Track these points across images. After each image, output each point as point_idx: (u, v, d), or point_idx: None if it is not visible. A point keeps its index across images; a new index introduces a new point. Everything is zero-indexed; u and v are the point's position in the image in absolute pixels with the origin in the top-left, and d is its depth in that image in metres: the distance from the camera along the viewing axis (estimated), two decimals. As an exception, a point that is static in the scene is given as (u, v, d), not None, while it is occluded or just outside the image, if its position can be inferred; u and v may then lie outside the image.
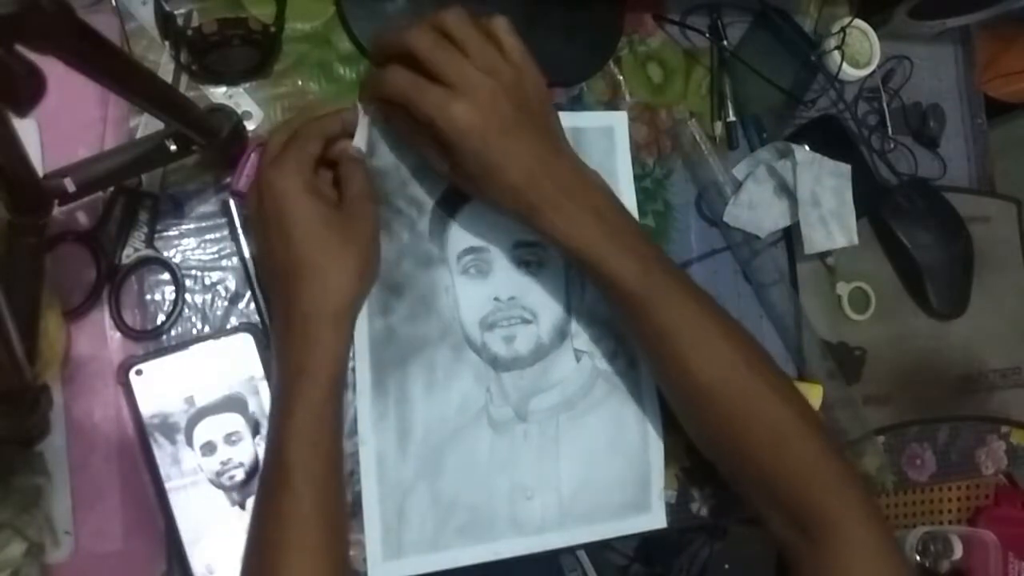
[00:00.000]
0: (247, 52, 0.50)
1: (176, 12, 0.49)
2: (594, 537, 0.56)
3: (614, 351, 0.58)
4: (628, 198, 0.60)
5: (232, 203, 0.51)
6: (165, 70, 0.50)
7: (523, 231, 0.56)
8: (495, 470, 0.54)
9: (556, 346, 0.57)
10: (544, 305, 0.57)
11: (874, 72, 0.68)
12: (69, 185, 0.40)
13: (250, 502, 0.48)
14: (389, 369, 0.53)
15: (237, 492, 0.48)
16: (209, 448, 0.48)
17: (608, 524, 0.57)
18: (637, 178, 0.60)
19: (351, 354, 0.52)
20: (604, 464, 0.57)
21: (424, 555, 0.52)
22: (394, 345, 0.53)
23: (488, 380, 0.55)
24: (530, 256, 0.56)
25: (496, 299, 0.56)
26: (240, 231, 0.50)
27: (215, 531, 0.47)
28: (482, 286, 0.55)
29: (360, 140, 0.50)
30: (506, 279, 0.56)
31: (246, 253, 0.51)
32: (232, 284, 0.51)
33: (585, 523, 0.56)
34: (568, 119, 0.59)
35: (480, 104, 0.44)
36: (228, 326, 0.50)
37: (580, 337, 0.57)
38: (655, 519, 0.58)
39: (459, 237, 0.55)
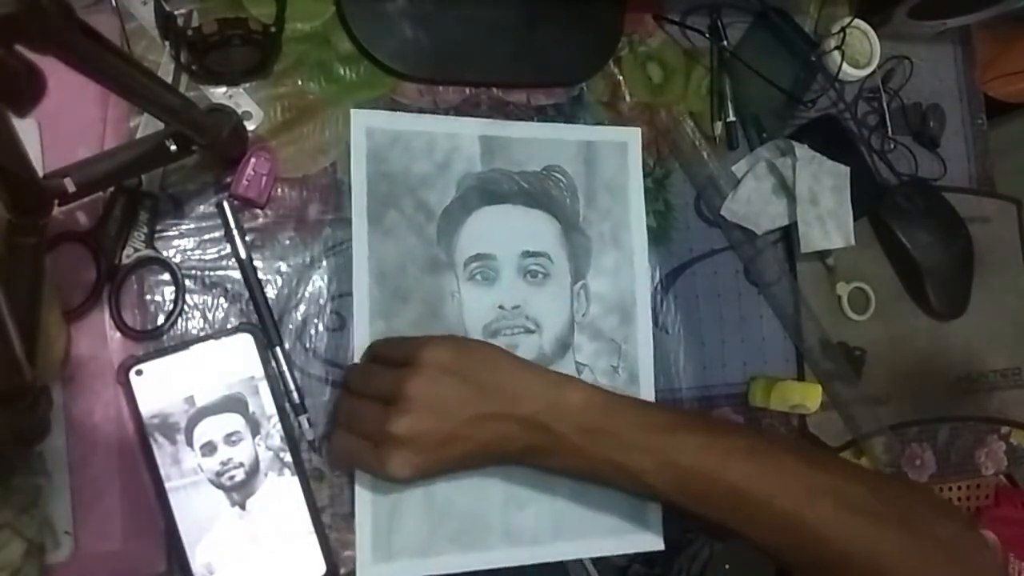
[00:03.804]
0: (247, 52, 0.51)
1: (176, 12, 0.49)
2: (590, 553, 0.55)
3: (615, 366, 0.58)
4: (638, 215, 0.60)
5: (227, 206, 0.50)
6: (165, 70, 0.50)
7: (531, 240, 0.56)
8: (488, 478, 0.53)
9: (558, 358, 0.56)
10: (548, 316, 0.56)
11: (874, 72, 0.68)
12: (69, 185, 0.40)
13: (250, 502, 0.48)
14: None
15: (237, 492, 0.48)
16: (209, 448, 0.48)
17: (604, 540, 0.56)
18: (637, 178, 0.60)
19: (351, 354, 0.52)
20: None
21: (415, 559, 0.51)
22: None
23: (489, 386, 0.54)
24: (537, 266, 0.56)
25: (501, 307, 0.55)
26: (236, 233, 0.50)
27: (215, 531, 0.47)
28: (488, 293, 0.55)
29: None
30: (512, 288, 0.56)
31: (243, 254, 0.51)
32: (232, 284, 0.51)
33: (580, 537, 0.55)
34: (583, 132, 0.59)
35: (419, 419, 0.45)
36: (228, 326, 0.50)
37: (582, 350, 0.57)
38: (653, 541, 0.56)
39: (468, 243, 0.55)
